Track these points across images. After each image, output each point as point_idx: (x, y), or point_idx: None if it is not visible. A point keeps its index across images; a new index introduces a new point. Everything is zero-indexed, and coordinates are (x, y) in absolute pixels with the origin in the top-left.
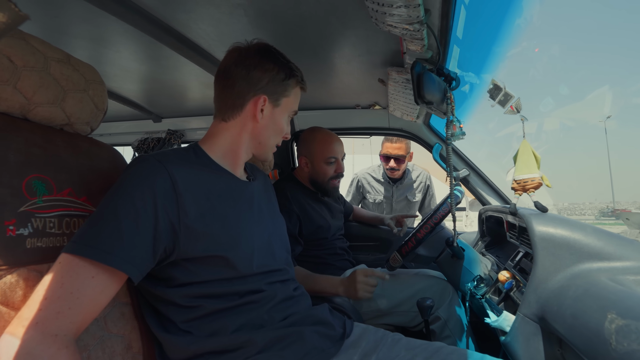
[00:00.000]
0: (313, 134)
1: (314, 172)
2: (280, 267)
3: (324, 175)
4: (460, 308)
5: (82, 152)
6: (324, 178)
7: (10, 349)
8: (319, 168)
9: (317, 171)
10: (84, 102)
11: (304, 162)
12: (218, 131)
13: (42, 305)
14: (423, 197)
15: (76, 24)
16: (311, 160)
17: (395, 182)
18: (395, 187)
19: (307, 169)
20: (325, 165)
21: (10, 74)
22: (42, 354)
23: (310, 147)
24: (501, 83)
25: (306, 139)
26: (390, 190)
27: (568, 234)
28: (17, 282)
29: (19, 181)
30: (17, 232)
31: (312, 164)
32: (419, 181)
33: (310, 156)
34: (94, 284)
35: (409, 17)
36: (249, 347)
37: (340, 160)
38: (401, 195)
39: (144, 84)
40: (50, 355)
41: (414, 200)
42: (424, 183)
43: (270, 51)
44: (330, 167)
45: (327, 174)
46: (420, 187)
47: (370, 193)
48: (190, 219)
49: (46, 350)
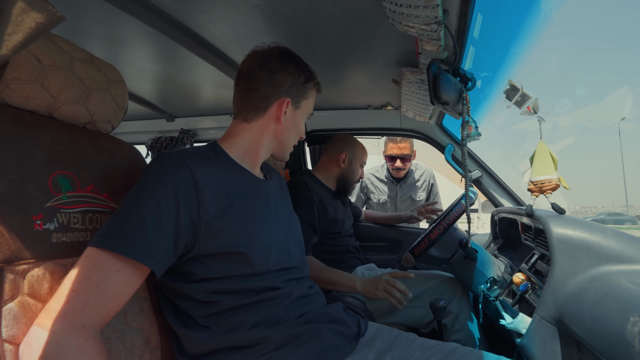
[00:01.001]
0: (355, 138)
1: (349, 169)
2: (296, 265)
3: (356, 175)
4: (470, 306)
5: (104, 150)
6: (354, 177)
7: (40, 339)
8: (355, 167)
9: (352, 170)
10: (106, 101)
11: (343, 158)
12: (239, 131)
13: (70, 297)
14: (427, 195)
15: (96, 24)
16: (351, 159)
17: (399, 181)
18: (399, 186)
19: (344, 165)
20: (359, 168)
21: (38, 74)
22: (71, 344)
23: (354, 147)
24: (518, 83)
25: (349, 140)
26: (394, 189)
27: (586, 236)
28: (44, 275)
29: (45, 177)
30: (44, 227)
31: (351, 163)
32: (423, 179)
33: (352, 155)
34: (118, 277)
35: (427, 18)
36: (266, 343)
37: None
38: (405, 194)
39: (158, 83)
40: (78, 345)
41: (418, 199)
42: (427, 182)
43: (291, 55)
44: (361, 169)
45: (357, 174)
46: (424, 185)
47: (375, 193)
48: (210, 216)
49: (74, 340)
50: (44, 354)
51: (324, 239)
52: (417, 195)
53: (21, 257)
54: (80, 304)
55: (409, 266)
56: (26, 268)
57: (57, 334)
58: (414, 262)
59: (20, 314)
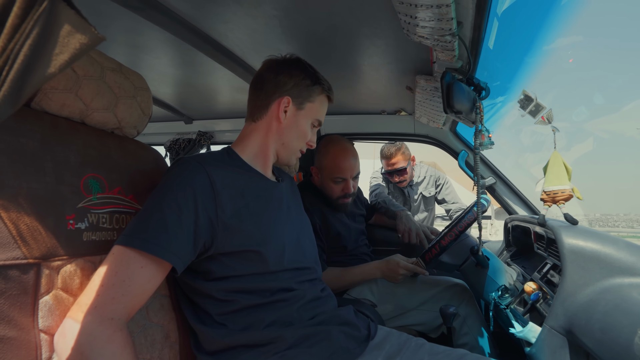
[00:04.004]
0: (327, 146)
1: (322, 186)
2: (310, 265)
3: (331, 192)
4: (479, 309)
5: (129, 154)
6: (331, 195)
7: (73, 331)
8: (326, 185)
9: (325, 187)
10: (133, 108)
11: (315, 172)
12: (249, 132)
13: (99, 292)
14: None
15: (122, 32)
16: (320, 173)
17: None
18: (408, 187)
19: (317, 179)
20: (332, 184)
21: (73, 83)
22: (101, 335)
23: (321, 159)
24: (532, 94)
25: (320, 150)
26: (405, 191)
27: (599, 247)
28: (75, 272)
29: (77, 180)
30: (76, 226)
31: (321, 178)
32: (430, 174)
33: (320, 169)
34: (143, 273)
35: (441, 30)
36: (279, 342)
37: (349, 180)
38: (415, 192)
39: (178, 87)
40: (107, 336)
41: (430, 195)
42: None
43: (300, 62)
44: (337, 186)
45: (334, 192)
46: (431, 180)
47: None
48: (227, 216)
49: (104, 331)
50: (77, 344)
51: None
52: (428, 191)
53: (56, 254)
54: (109, 298)
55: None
56: (60, 264)
57: (89, 325)
58: (424, 268)
59: (54, 307)
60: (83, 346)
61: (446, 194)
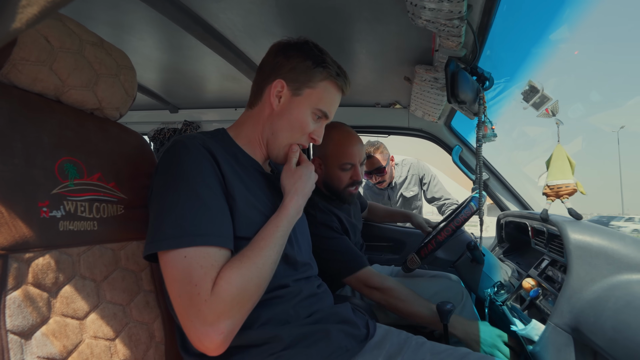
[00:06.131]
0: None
1: (327, 177)
2: (305, 260)
3: (339, 182)
4: (474, 314)
5: (111, 138)
6: (338, 185)
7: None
8: (332, 173)
9: (331, 177)
10: (115, 87)
11: (317, 164)
12: (245, 119)
13: (186, 304)
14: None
15: (104, 9)
16: (324, 163)
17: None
18: (389, 188)
19: (320, 171)
20: (340, 172)
21: (47, 55)
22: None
23: (325, 147)
24: (539, 84)
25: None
26: (385, 194)
27: (605, 243)
28: (49, 265)
29: (51, 163)
30: (51, 214)
31: (326, 167)
32: (411, 174)
33: (324, 158)
34: (214, 267)
35: (450, 12)
36: (275, 342)
37: (358, 165)
38: (397, 194)
39: (164, 73)
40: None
41: (410, 195)
42: (416, 175)
43: (306, 43)
44: (345, 173)
45: (342, 181)
46: (413, 180)
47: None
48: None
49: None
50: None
51: None
52: (408, 192)
53: (27, 245)
54: (203, 298)
55: (415, 267)
56: (31, 256)
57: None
58: (419, 264)
59: (24, 304)
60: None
61: (435, 192)
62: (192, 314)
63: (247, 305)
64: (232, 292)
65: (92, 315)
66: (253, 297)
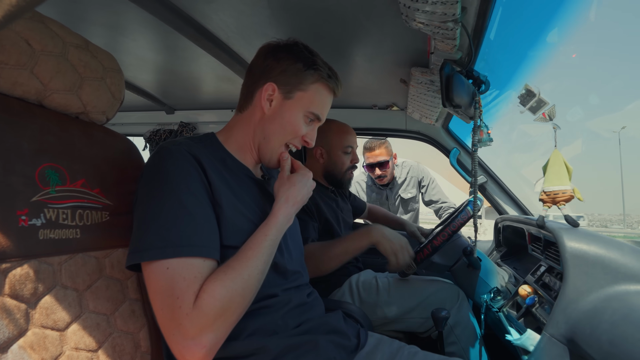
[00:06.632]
0: (328, 124)
1: (330, 162)
2: (296, 269)
3: (342, 165)
4: (471, 315)
5: (96, 143)
6: (341, 168)
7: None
8: (336, 158)
9: (335, 161)
10: (101, 91)
11: (319, 153)
12: (234, 123)
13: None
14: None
15: (95, 10)
16: (328, 150)
17: (385, 186)
18: (388, 189)
19: (323, 159)
20: (343, 155)
21: (27, 58)
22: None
23: (326, 136)
24: (535, 88)
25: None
26: (383, 193)
27: (603, 252)
28: (27, 275)
29: (32, 170)
30: (30, 223)
31: (329, 154)
32: (410, 176)
33: (327, 146)
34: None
35: (444, 15)
36: (262, 354)
37: (355, 150)
38: (395, 195)
39: (159, 74)
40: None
41: (408, 197)
42: (414, 177)
43: (296, 45)
44: (347, 157)
45: (345, 163)
46: (412, 182)
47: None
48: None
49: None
50: None
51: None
52: (407, 194)
53: (3, 254)
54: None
55: (410, 272)
56: (8, 267)
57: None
58: (415, 269)
59: (0, 316)
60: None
61: (433, 195)
62: (174, 328)
63: (232, 318)
64: (216, 306)
65: (74, 326)
66: (238, 310)
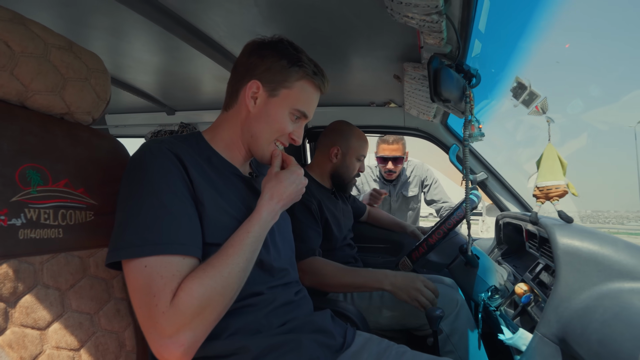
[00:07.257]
0: (350, 127)
1: (343, 165)
2: (284, 266)
3: (352, 171)
4: (470, 321)
5: (81, 143)
6: (351, 173)
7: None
8: (349, 162)
9: (347, 165)
10: (85, 91)
11: (335, 153)
12: (220, 122)
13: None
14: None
15: (89, 13)
16: (344, 153)
17: (391, 181)
18: (392, 185)
19: (336, 160)
20: (356, 162)
21: (7, 60)
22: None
23: (348, 139)
24: (526, 81)
25: (343, 130)
26: (387, 189)
27: (596, 248)
28: (7, 275)
29: (11, 170)
30: (9, 223)
31: (344, 157)
32: (414, 175)
33: (346, 148)
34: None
35: (427, 7)
36: (242, 354)
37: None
38: (397, 192)
39: (158, 76)
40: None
41: (410, 195)
42: (418, 176)
43: (281, 42)
44: (359, 164)
45: (355, 170)
46: (415, 180)
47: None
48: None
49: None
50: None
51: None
52: (409, 192)
53: None
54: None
55: (407, 271)
56: None
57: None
58: (411, 267)
59: None
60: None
61: (435, 194)
62: (151, 326)
63: (212, 317)
64: (193, 304)
65: (55, 325)
66: (218, 308)
